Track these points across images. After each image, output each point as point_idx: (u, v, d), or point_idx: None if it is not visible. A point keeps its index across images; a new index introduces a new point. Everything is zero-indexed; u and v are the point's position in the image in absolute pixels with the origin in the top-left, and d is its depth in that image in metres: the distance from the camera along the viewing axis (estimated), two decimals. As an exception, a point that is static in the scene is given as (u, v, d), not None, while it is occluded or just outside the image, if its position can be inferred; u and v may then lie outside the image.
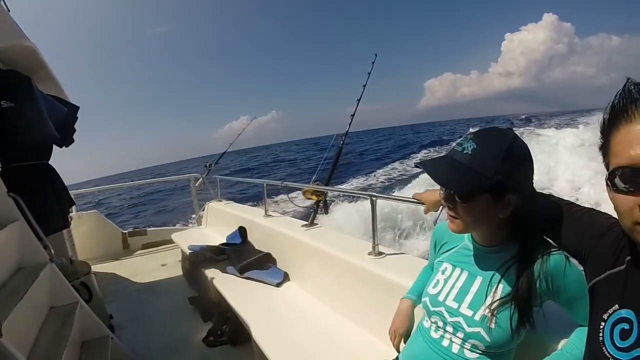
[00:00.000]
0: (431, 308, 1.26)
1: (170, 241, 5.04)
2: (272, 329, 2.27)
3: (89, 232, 5.35)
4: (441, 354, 1.20)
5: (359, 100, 3.51)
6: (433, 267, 1.40)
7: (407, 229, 8.63)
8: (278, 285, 2.89)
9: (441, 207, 1.68)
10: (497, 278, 1.15)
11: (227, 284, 2.99)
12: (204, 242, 3.85)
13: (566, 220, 1.10)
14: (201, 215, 5.21)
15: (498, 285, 1.14)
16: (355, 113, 3.49)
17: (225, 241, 3.74)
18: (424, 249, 7.24)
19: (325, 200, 3.23)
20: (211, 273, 3.23)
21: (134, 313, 3.58)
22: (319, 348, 2.06)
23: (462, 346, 1.16)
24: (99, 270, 4.67)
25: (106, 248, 5.46)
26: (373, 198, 2.39)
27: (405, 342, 1.47)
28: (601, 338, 0.87)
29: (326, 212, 3.43)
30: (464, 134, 1.15)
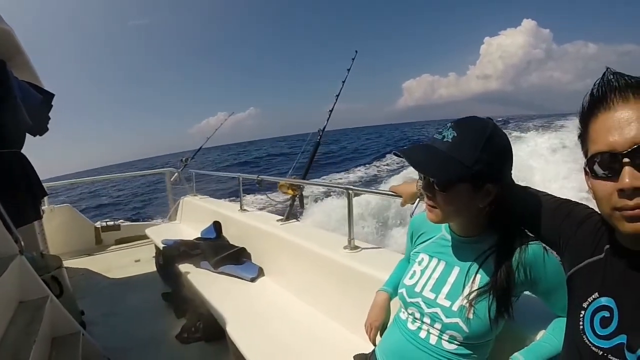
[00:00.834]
0: (408, 299, 1.24)
1: (144, 236, 4.95)
2: (247, 325, 2.26)
3: (61, 226, 5.22)
4: (418, 346, 1.18)
5: (338, 96, 3.49)
6: (410, 259, 1.39)
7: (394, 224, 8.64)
8: (252, 280, 2.88)
9: (418, 200, 1.67)
10: (475, 268, 1.15)
11: (201, 279, 2.97)
12: (178, 237, 3.80)
13: (544, 210, 1.11)
14: (176, 210, 5.14)
15: (476, 275, 1.13)
16: (333, 109, 3.47)
17: (199, 236, 3.70)
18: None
19: (301, 194, 3.21)
20: (185, 268, 3.20)
21: (106, 309, 3.52)
22: (294, 343, 2.05)
23: (440, 337, 1.15)
24: (71, 265, 4.57)
25: (78, 243, 5.34)
26: (349, 191, 2.39)
27: (381, 335, 1.44)
28: (581, 327, 0.88)
29: (302, 207, 3.41)
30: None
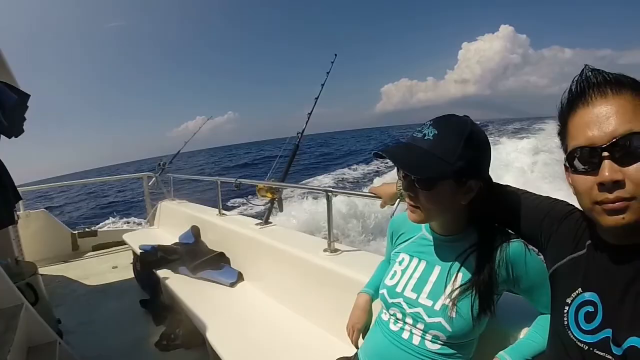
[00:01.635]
0: (389, 300, 1.22)
1: (121, 242, 4.87)
2: (227, 331, 2.24)
3: (37, 232, 5.09)
4: (401, 347, 1.17)
5: (317, 99, 3.46)
6: (390, 260, 1.37)
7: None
8: (232, 285, 2.86)
9: (398, 200, 1.66)
10: (457, 267, 1.14)
11: (180, 285, 2.94)
12: (156, 242, 3.74)
13: (524, 208, 1.11)
14: (154, 215, 5.08)
15: (457, 274, 1.13)
16: (312, 112, 3.45)
17: (177, 241, 3.66)
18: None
19: (280, 198, 3.19)
20: (163, 273, 3.17)
21: (84, 317, 3.45)
22: (275, 348, 2.04)
23: (423, 337, 1.13)
24: (47, 272, 4.47)
25: (54, 249, 5.22)
26: (329, 193, 2.37)
27: (364, 338, 1.43)
28: (566, 322, 0.89)
29: (281, 210, 3.39)
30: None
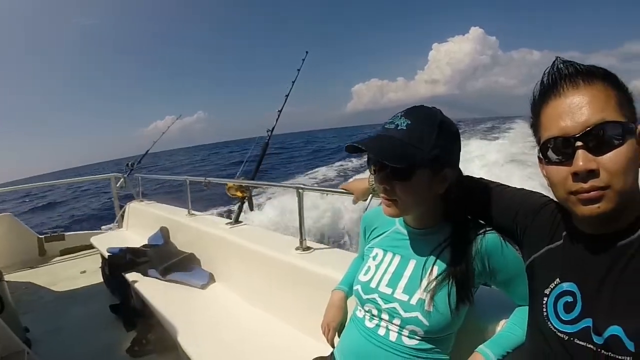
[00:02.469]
0: (364, 296, 1.20)
1: (90, 246, 4.74)
2: (199, 334, 2.20)
3: (1, 237, 4.91)
4: (378, 344, 1.14)
5: (287, 96, 3.41)
6: (364, 256, 1.35)
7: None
8: (203, 287, 2.82)
9: (370, 196, 1.65)
10: (432, 260, 1.13)
11: (150, 288, 2.88)
12: (125, 245, 3.65)
13: (499, 200, 1.12)
14: (122, 216, 4.96)
15: (433, 267, 1.12)
16: (282, 109, 3.41)
17: (146, 243, 3.59)
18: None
19: (250, 196, 3.15)
20: (132, 277, 3.10)
21: (52, 325, 3.35)
22: (249, 350, 2.01)
23: (400, 333, 1.11)
24: (13, 279, 4.30)
25: (20, 255, 5.01)
26: (299, 190, 2.35)
27: (339, 336, 1.40)
28: (545, 313, 0.89)
29: (251, 209, 3.36)
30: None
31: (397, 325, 1.12)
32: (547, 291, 0.90)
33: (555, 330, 0.85)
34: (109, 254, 3.51)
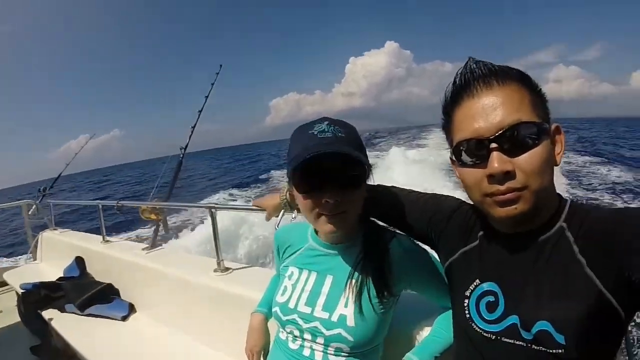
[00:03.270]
0: (283, 317, 1.17)
1: (3, 282, 4.44)
2: (123, 370, 2.13)
3: None
4: None
5: (200, 111, 3.36)
6: (280, 275, 1.32)
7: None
8: (124, 318, 2.76)
9: (282, 211, 1.65)
10: (349, 273, 1.12)
11: (69, 325, 2.78)
12: (40, 279, 3.47)
13: (412, 207, 1.12)
14: (35, 247, 4.65)
15: (350, 280, 1.11)
16: (196, 125, 3.35)
17: (62, 275, 3.43)
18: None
19: (165, 219, 3.09)
20: (49, 314, 2.97)
21: (-35, 377, 3.12)
22: None
23: (325, 352, 1.09)
24: None
25: None
26: (212, 210, 2.33)
27: None
28: (468, 315, 0.89)
29: (166, 232, 3.29)
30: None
31: (321, 344, 1.10)
32: (468, 293, 0.91)
33: (480, 330, 0.86)
34: (23, 291, 3.33)
